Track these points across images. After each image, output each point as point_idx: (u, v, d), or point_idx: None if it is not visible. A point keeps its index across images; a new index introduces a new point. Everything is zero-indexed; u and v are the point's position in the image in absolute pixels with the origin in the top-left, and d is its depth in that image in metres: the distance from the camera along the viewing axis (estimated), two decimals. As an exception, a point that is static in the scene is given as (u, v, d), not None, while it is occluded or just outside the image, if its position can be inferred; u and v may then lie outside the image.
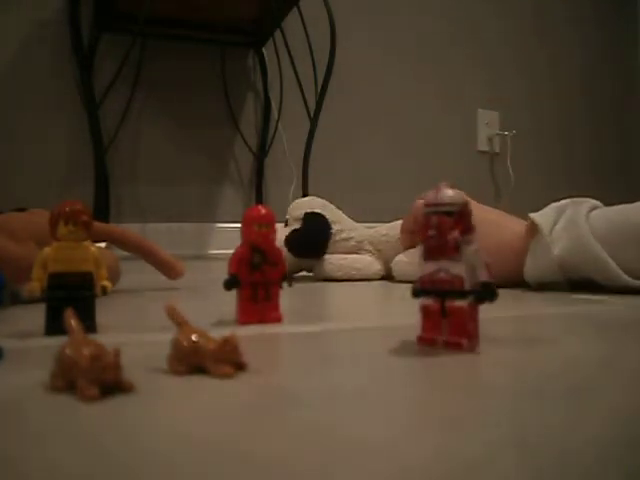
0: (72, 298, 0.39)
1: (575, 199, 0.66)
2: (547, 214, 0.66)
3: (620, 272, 0.59)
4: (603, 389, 0.26)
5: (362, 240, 0.92)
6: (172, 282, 0.74)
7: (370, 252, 0.91)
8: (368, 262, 0.90)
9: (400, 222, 0.90)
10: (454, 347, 0.35)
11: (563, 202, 0.67)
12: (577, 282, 0.65)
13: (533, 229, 0.66)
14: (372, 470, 0.17)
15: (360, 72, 2.12)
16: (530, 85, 2.48)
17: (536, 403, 0.24)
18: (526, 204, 2.52)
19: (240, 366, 0.29)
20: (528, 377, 0.29)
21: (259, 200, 1.90)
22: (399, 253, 0.87)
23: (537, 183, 2.41)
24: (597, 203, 0.66)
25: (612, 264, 0.59)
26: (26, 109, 1.65)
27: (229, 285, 0.44)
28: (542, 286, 0.66)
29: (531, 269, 0.65)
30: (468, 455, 0.19)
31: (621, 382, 0.27)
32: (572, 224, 0.62)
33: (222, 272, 0.45)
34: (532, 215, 0.66)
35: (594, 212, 0.64)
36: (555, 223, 0.64)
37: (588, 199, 0.66)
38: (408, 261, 0.82)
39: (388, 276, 0.91)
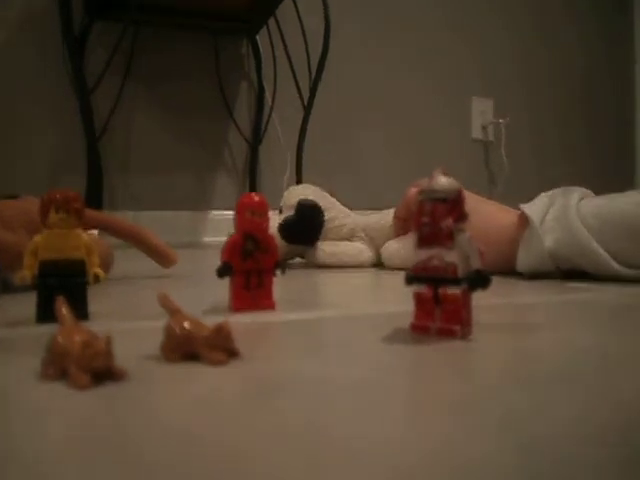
0: (63, 286, 0.38)
1: (565, 188, 0.67)
2: (537, 205, 0.66)
3: (610, 261, 0.59)
4: (595, 375, 0.26)
5: (355, 227, 0.92)
6: (165, 270, 0.74)
7: (362, 239, 0.91)
8: (360, 249, 0.90)
9: (393, 209, 0.91)
10: (447, 334, 0.35)
11: (553, 191, 0.67)
12: (569, 271, 0.65)
13: (524, 220, 0.66)
14: (361, 458, 0.17)
15: (354, 60, 2.11)
16: (525, 73, 2.47)
17: (528, 389, 0.24)
18: (520, 192, 2.52)
19: (233, 353, 0.29)
20: (521, 364, 0.29)
21: (253, 188, 1.89)
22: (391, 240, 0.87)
23: (531, 171, 2.41)
24: (587, 191, 0.66)
25: (603, 254, 0.59)
26: (17, 97, 1.63)
27: (222, 273, 0.44)
28: (535, 276, 0.66)
29: (523, 261, 0.65)
30: (459, 441, 0.19)
31: (612, 368, 0.28)
32: (562, 215, 0.62)
33: (216, 260, 0.45)
34: (522, 206, 0.66)
35: (584, 201, 0.64)
36: (545, 214, 0.64)
37: (578, 187, 0.66)
38: (397, 247, 0.83)
39: (380, 263, 0.91)
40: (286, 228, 0.85)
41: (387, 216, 0.89)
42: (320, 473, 0.17)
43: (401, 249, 0.81)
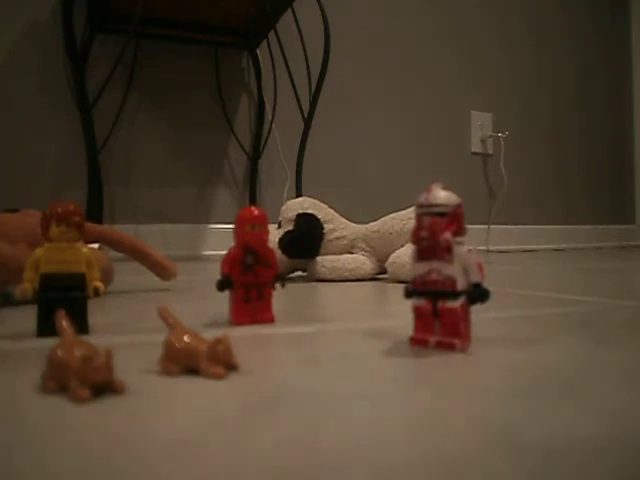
0: (64, 299, 0.39)
1: None
2: None
3: None
4: (590, 388, 0.26)
5: (355, 238, 0.92)
6: (165, 283, 0.74)
7: (364, 250, 0.92)
8: (361, 262, 0.90)
9: (390, 216, 0.91)
10: (446, 347, 0.35)
11: None
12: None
13: None
14: (359, 470, 0.17)
15: (354, 73, 2.12)
16: (523, 87, 2.48)
17: (527, 403, 0.24)
18: (520, 205, 2.52)
19: (232, 367, 0.30)
20: (519, 377, 0.29)
21: (253, 201, 1.90)
22: (392, 249, 0.87)
23: (530, 184, 2.42)
24: None
25: None
26: (18, 110, 1.64)
27: (222, 286, 0.44)
28: None
29: None
30: (457, 454, 0.19)
31: (607, 381, 0.28)
32: None
33: (215, 273, 0.45)
34: None
35: None
36: None
37: None
38: (401, 263, 0.83)
39: (382, 272, 0.91)
40: (286, 243, 0.85)
41: (385, 225, 0.90)
42: (319, 474, 0.17)
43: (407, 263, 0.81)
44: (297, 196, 1.71)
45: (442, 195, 0.35)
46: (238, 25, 1.74)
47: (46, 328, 0.38)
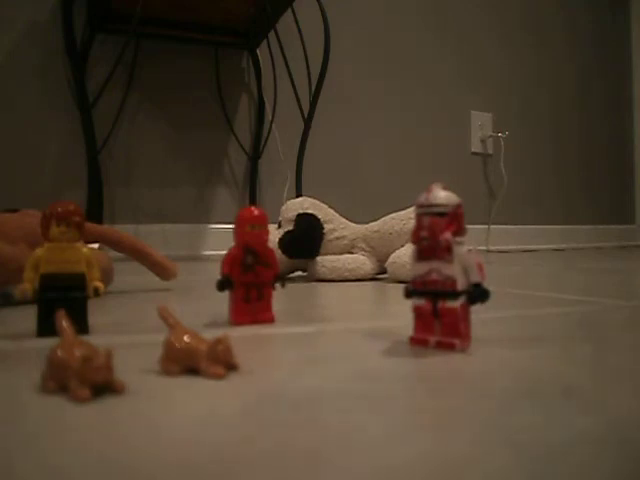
0: (64, 299, 0.39)
1: None
2: None
3: None
4: (590, 388, 0.26)
5: (355, 238, 0.92)
6: (165, 283, 0.74)
7: (363, 250, 0.92)
8: (361, 262, 0.90)
9: (390, 216, 0.91)
10: (446, 347, 0.35)
11: None
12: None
13: None
14: (359, 470, 0.17)
15: (354, 73, 2.12)
16: (523, 87, 2.48)
17: (527, 402, 0.24)
18: (520, 205, 2.52)
19: (232, 367, 0.30)
20: (519, 377, 0.29)
21: (253, 201, 1.90)
22: (392, 249, 0.87)
23: (530, 184, 2.42)
24: None
25: None
26: (19, 110, 1.64)
27: (221, 286, 0.44)
28: None
29: None
30: (457, 454, 0.19)
31: (607, 382, 0.28)
32: None
33: (215, 273, 0.45)
34: None
35: None
36: None
37: None
38: (401, 263, 0.83)
39: (382, 272, 0.91)
40: (286, 243, 0.85)
41: (385, 225, 0.90)
42: (318, 474, 0.17)
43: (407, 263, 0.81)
44: (297, 196, 1.71)
45: (442, 195, 0.35)
46: (238, 25, 1.74)
47: (46, 328, 0.38)
